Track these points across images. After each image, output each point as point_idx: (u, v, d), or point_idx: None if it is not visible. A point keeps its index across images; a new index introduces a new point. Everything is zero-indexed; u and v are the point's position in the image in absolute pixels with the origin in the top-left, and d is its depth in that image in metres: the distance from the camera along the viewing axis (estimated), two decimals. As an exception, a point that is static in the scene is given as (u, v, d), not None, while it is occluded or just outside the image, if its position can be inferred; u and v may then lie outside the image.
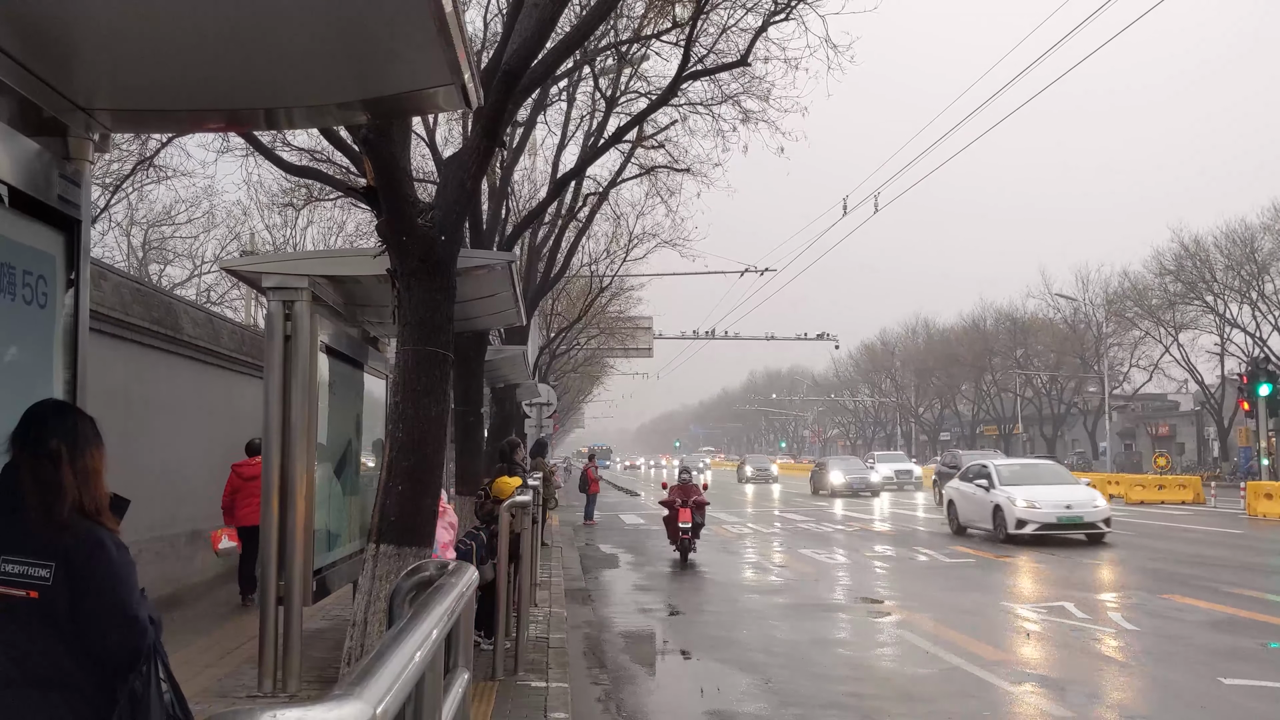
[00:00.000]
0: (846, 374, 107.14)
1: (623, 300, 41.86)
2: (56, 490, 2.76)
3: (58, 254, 3.71)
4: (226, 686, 7.38)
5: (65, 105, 3.71)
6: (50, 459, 2.78)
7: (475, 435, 14.50)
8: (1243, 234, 53.22)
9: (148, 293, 11.69)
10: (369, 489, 8.90)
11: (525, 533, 9.35)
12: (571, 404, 67.27)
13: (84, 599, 2.71)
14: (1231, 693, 8.03)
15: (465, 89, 3.56)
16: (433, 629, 1.91)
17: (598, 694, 8.13)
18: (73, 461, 2.81)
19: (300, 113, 4.44)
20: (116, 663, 2.76)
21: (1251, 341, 54.14)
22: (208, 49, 3.39)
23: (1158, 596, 12.89)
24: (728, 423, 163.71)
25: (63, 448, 2.80)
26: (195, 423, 12.30)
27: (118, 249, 34.52)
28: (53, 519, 2.73)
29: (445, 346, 6.42)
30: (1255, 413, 29.81)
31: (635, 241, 28.18)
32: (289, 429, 6.93)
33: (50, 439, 2.80)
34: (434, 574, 2.66)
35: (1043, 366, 73.05)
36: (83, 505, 2.80)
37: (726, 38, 14.47)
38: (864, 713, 7.60)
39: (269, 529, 6.87)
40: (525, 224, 17.81)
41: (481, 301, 9.52)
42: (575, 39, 8.41)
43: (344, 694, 1.30)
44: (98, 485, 2.86)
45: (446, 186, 6.75)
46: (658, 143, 18.34)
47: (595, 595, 13.87)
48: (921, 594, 13.65)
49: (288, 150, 16.00)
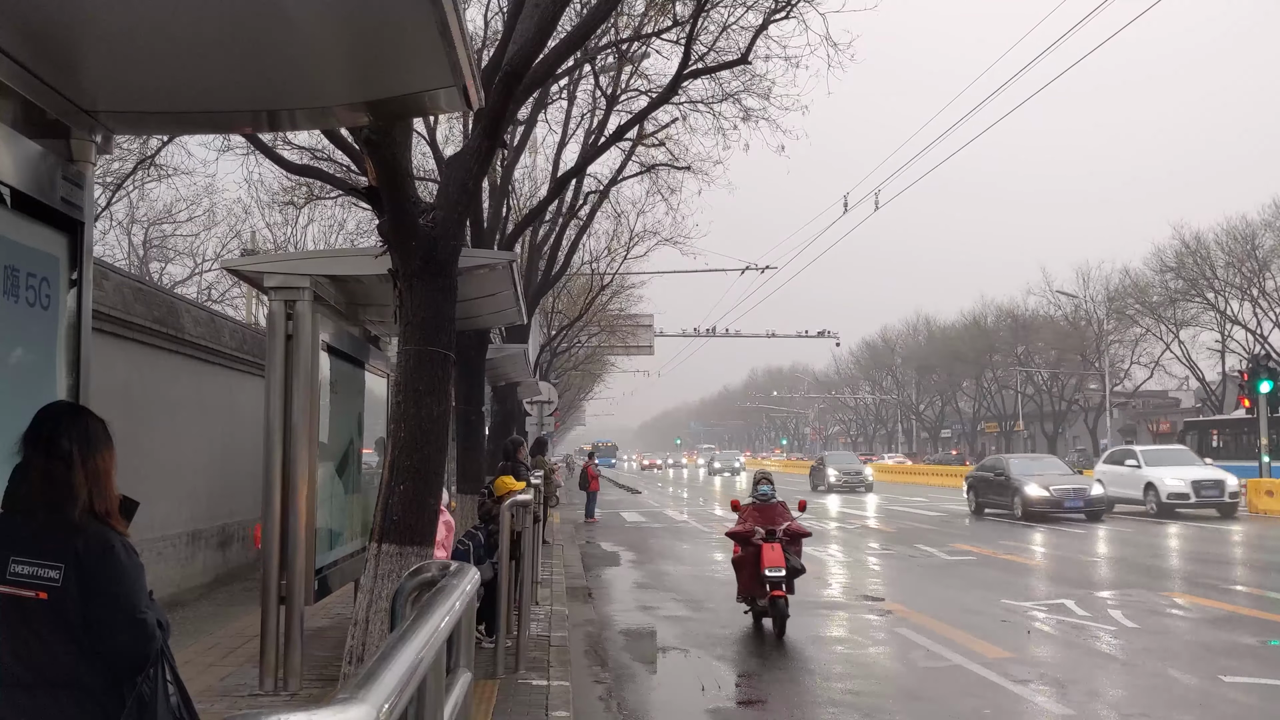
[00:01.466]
0: (848, 371, 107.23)
1: (624, 298, 41.92)
2: (68, 491, 2.77)
3: (61, 255, 3.73)
4: (228, 686, 7.40)
5: (68, 108, 3.72)
6: (63, 460, 2.79)
7: (477, 433, 14.52)
8: (1243, 231, 53.21)
9: (149, 292, 11.70)
10: (371, 488, 8.92)
11: (526, 531, 9.37)
12: (572, 402, 67.35)
13: (93, 601, 2.72)
14: (1232, 690, 8.05)
15: (466, 90, 3.58)
16: (435, 631, 1.92)
17: (599, 692, 8.14)
18: (84, 463, 2.82)
19: (302, 114, 4.46)
20: (125, 665, 2.78)
21: (1252, 338, 54.14)
22: (210, 52, 3.40)
23: (1158, 594, 12.91)
24: (729, 420, 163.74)
25: (75, 449, 2.81)
26: (197, 422, 12.32)
27: (119, 247, 34.59)
28: (64, 520, 2.75)
29: (447, 346, 6.44)
30: (1256, 410, 29.76)
31: (636, 239, 28.26)
32: (291, 428, 6.96)
33: (63, 440, 2.81)
34: (436, 575, 2.67)
35: (1044, 363, 73.06)
36: (93, 507, 2.81)
37: (727, 36, 14.49)
38: (864, 710, 7.62)
39: (271, 528, 6.89)
40: (526, 222, 17.81)
41: (483, 300, 9.53)
42: (576, 38, 8.41)
43: (349, 697, 1.32)
44: (108, 487, 2.87)
45: (448, 187, 6.75)
46: (658, 141, 18.35)
47: (596, 593, 13.89)
48: (921, 590, 13.67)
49: (288, 149, 16.03)
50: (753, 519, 10.64)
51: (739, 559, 10.75)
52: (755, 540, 10.37)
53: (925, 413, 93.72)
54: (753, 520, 10.62)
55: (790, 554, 10.30)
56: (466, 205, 6.90)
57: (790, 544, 10.48)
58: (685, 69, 13.28)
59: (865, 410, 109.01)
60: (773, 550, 10.17)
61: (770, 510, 10.73)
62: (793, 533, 10.62)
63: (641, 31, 15.32)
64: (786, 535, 10.49)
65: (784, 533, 10.48)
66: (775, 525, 10.55)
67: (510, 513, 8.19)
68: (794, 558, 10.39)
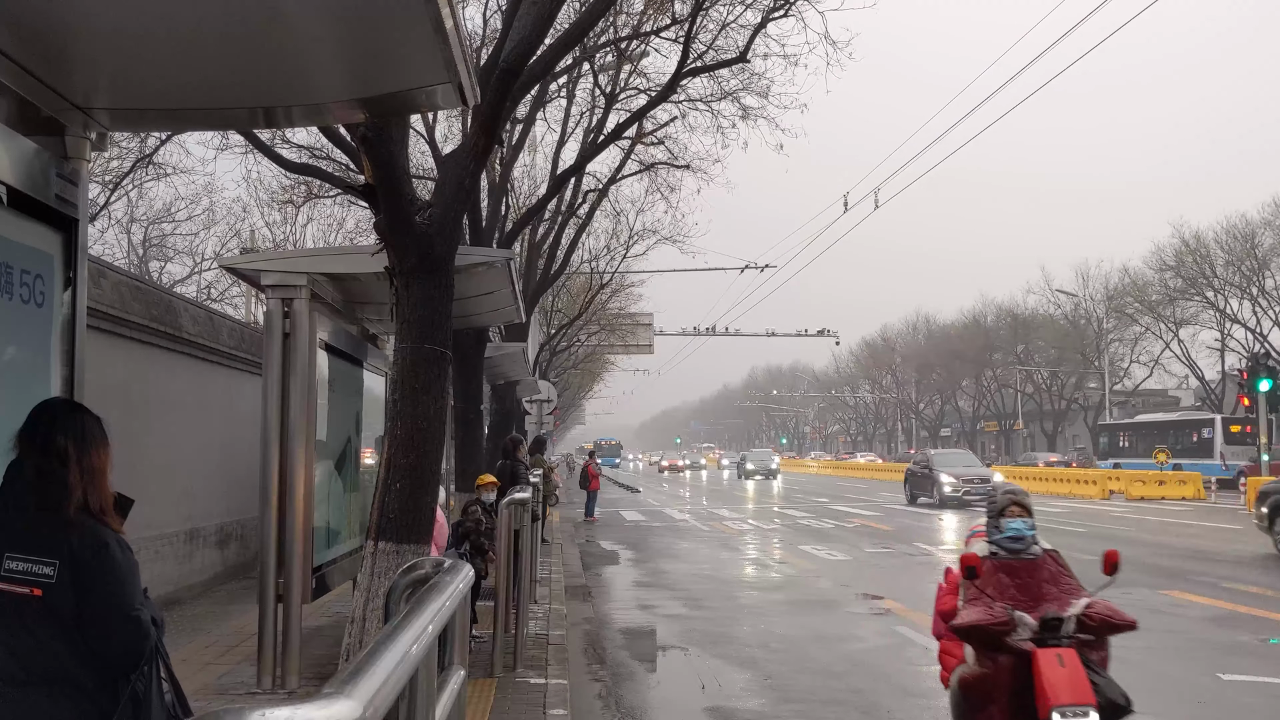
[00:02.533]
0: (847, 370, 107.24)
1: (623, 297, 41.95)
2: (63, 489, 2.77)
3: (55, 253, 3.72)
4: (226, 684, 7.40)
5: (63, 105, 3.72)
6: (58, 457, 2.79)
7: (475, 432, 14.51)
8: (1243, 229, 53.24)
9: (147, 290, 11.70)
10: (368, 486, 8.91)
11: (525, 529, 9.36)
12: (572, 400, 67.32)
13: (88, 598, 2.72)
14: (1230, 688, 8.05)
15: (462, 87, 3.58)
16: (426, 627, 1.92)
17: (597, 690, 8.14)
18: (80, 460, 2.81)
19: (299, 111, 4.46)
20: (119, 662, 2.77)
21: (1252, 337, 54.14)
22: (205, 48, 3.40)
23: (1157, 592, 12.90)
24: (729, 419, 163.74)
25: (70, 446, 2.81)
26: (194, 420, 12.31)
27: (118, 246, 34.54)
28: (59, 517, 2.74)
29: (444, 344, 6.43)
30: (1255, 408, 29.79)
31: (635, 238, 28.24)
32: (288, 426, 6.94)
33: (58, 437, 2.81)
34: (430, 572, 2.67)
35: (1043, 362, 73.08)
36: (88, 504, 2.81)
37: (726, 34, 14.50)
38: (863, 708, 7.62)
39: (268, 526, 6.88)
40: (525, 221, 17.80)
41: (480, 299, 9.52)
42: (574, 36, 8.42)
43: (335, 692, 1.31)
44: (103, 484, 2.87)
45: (445, 184, 6.75)
46: (657, 139, 18.34)
47: (596, 592, 13.89)
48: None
49: (287, 147, 16.02)
50: (995, 586, 4.81)
51: (971, 682, 4.87)
52: (1015, 642, 4.60)
53: (925, 411, 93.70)
54: (994, 587, 4.80)
55: (1095, 669, 4.56)
56: (463, 203, 6.90)
57: (1092, 646, 4.68)
58: (684, 67, 13.28)
59: (865, 409, 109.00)
60: (1058, 665, 4.46)
61: (1035, 572, 4.91)
62: (1099, 621, 4.63)
63: (640, 30, 15.32)
64: (1089, 629, 4.62)
65: (1081, 622, 4.60)
66: (1052, 603, 4.72)
67: (508, 511, 8.19)
68: (1103, 677, 4.56)
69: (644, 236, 27.97)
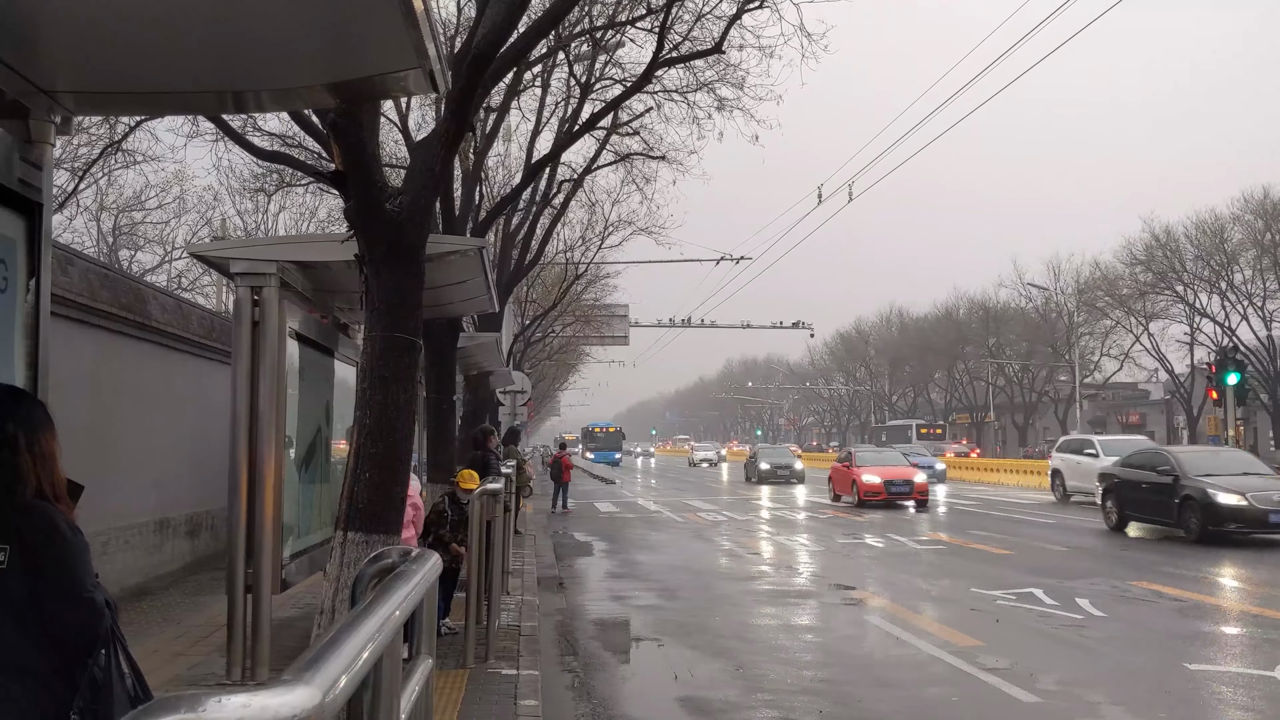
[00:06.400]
0: (822, 362, 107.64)
1: (598, 288, 41.89)
2: (16, 475, 2.74)
3: (18, 238, 3.66)
4: (196, 675, 7.35)
5: (27, 88, 3.65)
6: (8, 444, 2.76)
7: (448, 423, 14.43)
8: (1213, 224, 53.73)
9: (115, 278, 11.57)
10: (339, 476, 8.85)
11: (496, 520, 9.33)
12: (547, 391, 67.21)
13: (39, 581, 2.68)
14: (1195, 677, 8.14)
15: (433, 73, 3.54)
16: (390, 614, 1.90)
17: (569, 681, 8.13)
18: (30, 447, 2.78)
19: (268, 96, 4.41)
20: (73, 645, 2.73)
21: (1220, 331, 54.70)
22: (172, 30, 3.35)
23: (1126, 583, 13.03)
24: (704, 410, 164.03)
25: (19, 433, 2.78)
26: (164, 410, 12.19)
27: (87, 234, 34.15)
28: (10, 502, 2.71)
29: (414, 333, 6.39)
30: (1223, 401, 30.10)
31: (611, 229, 28.16)
32: (257, 416, 6.87)
33: (7, 424, 2.77)
34: (396, 560, 2.65)
35: (1014, 355, 73.58)
36: (42, 490, 2.78)
37: (701, 25, 14.44)
38: (835, 698, 7.65)
39: (236, 516, 6.82)
40: (499, 209, 17.71)
41: (453, 288, 9.45)
42: (547, 23, 8.37)
43: (293, 679, 1.29)
44: (55, 469, 2.84)
45: (415, 171, 6.70)
46: (633, 130, 18.29)
47: (569, 583, 13.87)
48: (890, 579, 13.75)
49: (258, 135, 15.87)
50: None
51: None
52: None
53: (898, 404, 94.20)
54: None
55: None
56: (434, 189, 6.86)
57: None
58: (659, 57, 13.23)
59: (839, 401, 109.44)
60: None
61: None
62: None
63: (616, 19, 15.25)
64: None
65: None
66: None
67: (480, 502, 8.16)
68: None
69: (619, 228, 27.92)
